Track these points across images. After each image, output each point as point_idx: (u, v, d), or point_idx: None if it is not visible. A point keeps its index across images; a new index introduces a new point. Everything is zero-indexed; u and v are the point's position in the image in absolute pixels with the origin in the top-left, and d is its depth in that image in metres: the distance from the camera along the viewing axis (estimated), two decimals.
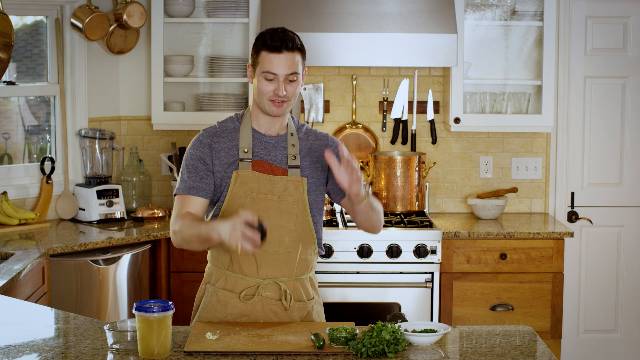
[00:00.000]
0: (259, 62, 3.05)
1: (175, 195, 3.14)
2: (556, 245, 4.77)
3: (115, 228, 4.81)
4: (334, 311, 4.60)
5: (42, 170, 4.92)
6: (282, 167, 3.13)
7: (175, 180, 5.10)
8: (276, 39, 3.03)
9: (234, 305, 3.11)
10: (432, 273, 4.67)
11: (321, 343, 2.72)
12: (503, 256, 4.75)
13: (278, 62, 3.02)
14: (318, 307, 3.23)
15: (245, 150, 3.10)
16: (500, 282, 4.76)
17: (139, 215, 4.98)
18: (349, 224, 4.82)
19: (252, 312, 3.10)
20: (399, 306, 4.67)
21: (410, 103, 5.26)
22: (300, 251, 3.13)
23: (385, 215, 4.99)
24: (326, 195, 3.29)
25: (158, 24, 5.00)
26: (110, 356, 2.68)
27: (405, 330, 2.83)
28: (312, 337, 2.74)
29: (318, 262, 4.60)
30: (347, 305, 4.65)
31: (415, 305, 4.65)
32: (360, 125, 5.28)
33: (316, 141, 3.20)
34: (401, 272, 4.67)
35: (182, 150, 5.14)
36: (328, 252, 4.61)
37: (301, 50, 3.08)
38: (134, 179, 5.17)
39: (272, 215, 3.08)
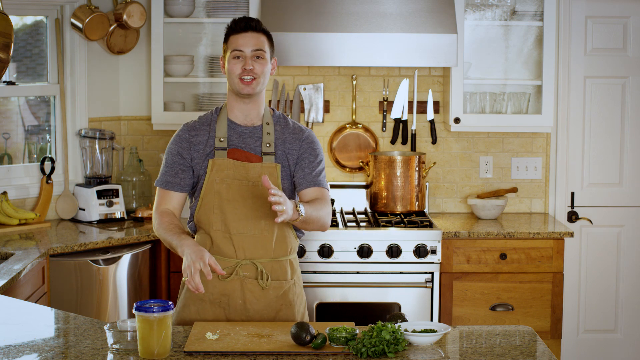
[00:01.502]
0: (228, 47, 3.30)
1: (155, 184, 3.37)
2: (556, 245, 4.77)
3: (115, 228, 4.81)
4: (334, 311, 4.60)
5: (42, 170, 4.92)
6: (257, 154, 3.30)
7: None
8: (241, 21, 3.30)
9: (214, 284, 3.26)
10: (432, 273, 4.67)
11: (319, 342, 2.72)
12: (503, 256, 4.75)
13: (244, 40, 3.27)
14: (296, 288, 3.37)
15: (221, 139, 3.30)
16: (500, 282, 4.76)
17: (139, 215, 4.98)
18: (348, 224, 4.82)
19: (232, 291, 3.26)
20: (399, 306, 4.67)
21: (410, 103, 5.26)
22: (277, 234, 3.29)
23: (385, 215, 4.99)
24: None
25: (158, 24, 5.00)
26: (110, 356, 2.68)
27: (405, 330, 2.83)
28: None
29: (318, 262, 4.60)
30: (347, 305, 4.65)
31: (415, 305, 4.65)
32: (360, 125, 5.28)
33: (292, 134, 3.36)
34: (401, 272, 4.67)
35: None
36: (328, 251, 4.61)
37: (266, 34, 3.33)
38: (134, 179, 5.17)
39: (247, 199, 3.26)
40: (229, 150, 3.29)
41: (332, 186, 5.16)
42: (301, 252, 4.59)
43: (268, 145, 3.31)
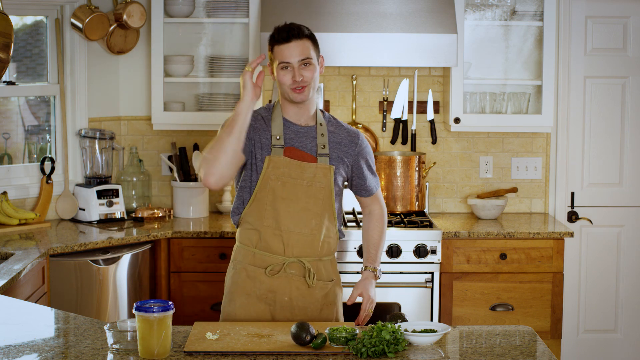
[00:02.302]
0: (275, 57, 3.31)
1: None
2: (556, 245, 4.77)
3: (115, 228, 4.81)
4: None
5: (42, 170, 4.92)
6: (312, 154, 3.34)
7: (176, 180, 5.10)
8: (283, 31, 3.29)
9: (261, 280, 3.31)
10: (432, 273, 4.67)
11: (319, 342, 2.72)
12: (503, 256, 4.75)
13: (289, 51, 3.27)
14: (338, 289, 3.46)
15: (278, 137, 3.32)
16: (500, 282, 4.76)
17: (139, 215, 4.98)
18: (349, 224, 4.82)
19: (279, 287, 3.31)
20: (399, 306, 4.67)
21: (410, 103, 5.26)
22: (324, 234, 3.33)
23: None
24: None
25: (158, 24, 5.00)
26: (110, 356, 2.68)
27: (405, 330, 2.83)
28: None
29: None
30: (347, 305, 4.64)
31: (415, 305, 4.65)
32: (360, 125, 5.28)
33: (347, 137, 3.42)
34: (401, 272, 4.67)
35: (182, 150, 5.14)
36: None
37: (310, 37, 3.33)
38: (134, 179, 5.17)
39: (301, 198, 3.31)
40: (285, 149, 3.32)
41: None
42: None
43: (323, 146, 3.35)
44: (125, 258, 4.58)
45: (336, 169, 3.36)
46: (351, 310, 4.65)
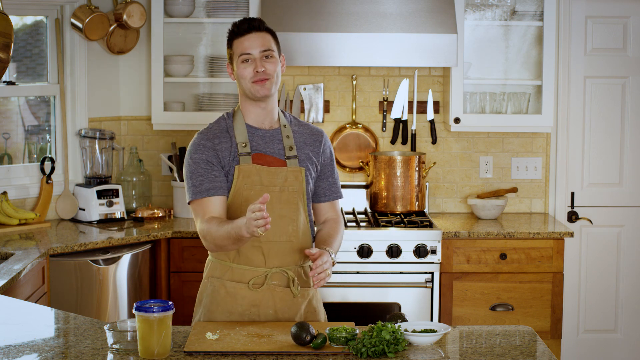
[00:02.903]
0: (234, 52, 3.18)
1: (190, 202, 3.16)
2: (556, 245, 4.77)
3: (115, 228, 4.81)
4: (334, 311, 4.60)
5: (42, 170, 4.92)
6: (281, 158, 3.20)
7: (176, 180, 5.10)
8: (243, 23, 3.18)
9: (243, 295, 3.15)
10: (432, 273, 4.67)
11: (319, 342, 2.72)
12: (503, 256, 4.75)
13: (250, 42, 3.15)
14: (318, 294, 3.31)
15: (244, 144, 3.17)
16: (500, 282, 4.76)
17: (139, 215, 4.98)
18: (349, 224, 4.82)
19: (262, 301, 3.15)
20: (399, 306, 4.67)
21: (410, 103, 5.26)
22: (302, 239, 3.20)
23: (385, 215, 4.99)
24: None
25: (158, 24, 5.00)
26: (110, 356, 2.68)
27: (405, 330, 2.83)
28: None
29: None
30: (347, 305, 4.65)
31: (415, 305, 4.65)
32: (360, 125, 5.28)
33: (311, 136, 3.29)
34: (401, 272, 4.67)
35: (182, 150, 5.14)
36: None
37: (271, 32, 3.21)
38: (134, 179, 5.17)
39: (275, 206, 3.15)
40: (253, 155, 3.17)
41: None
42: None
43: (290, 148, 3.21)
44: (125, 258, 4.58)
45: (306, 170, 3.22)
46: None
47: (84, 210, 4.96)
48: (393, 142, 5.26)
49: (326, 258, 3.05)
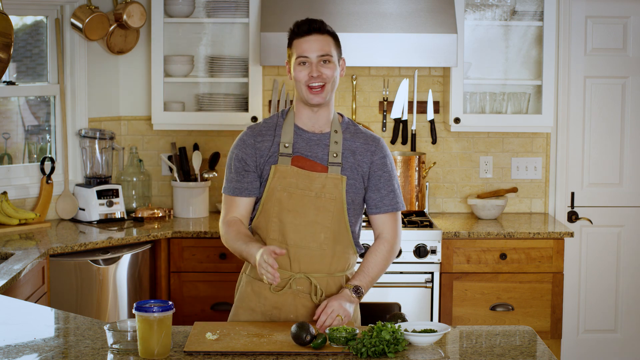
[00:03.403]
0: (293, 52, 3.10)
1: (223, 192, 3.22)
2: (556, 245, 4.77)
3: (115, 228, 4.81)
4: None
5: (42, 170, 4.92)
6: (323, 164, 3.12)
7: (176, 180, 5.10)
8: (304, 24, 3.10)
9: (265, 296, 3.14)
10: (432, 273, 4.67)
11: (319, 342, 2.72)
12: (503, 256, 4.75)
13: (308, 45, 3.06)
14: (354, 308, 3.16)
15: (286, 145, 3.12)
16: (500, 282, 4.76)
17: (139, 215, 4.98)
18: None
19: (284, 304, 3.12)
20: (399, 306, 4.66)
21: (410, 103, 5.26)
22: (336, 249, 3.13)
23: None
24: None
25: (158, 24, 5.00)
26: (110, 356, 2.68)
27: (405, 330, 2.83)
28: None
29: None
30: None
31: (415, 305, 4.65)
32: (361, 125, 5.28)
33: (364, 144, 3.18)
34: (401, 272, 4.67)
35: (182, 150, 5.14)
36: None
37: (332, 35, 3.12)
38: (134, 179, 5.17)
39: (309, 211, 3.10)
40: (293, 157, 3.11)
41: None
42: None
43: (335, 155, 3.12)
44: (125, 258, 4.58)
45: (349, 179, 3.12)
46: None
47: (84, 210, 4.96)
48: (393, 142, 5.26)
49: (331, 309, 2.97)
